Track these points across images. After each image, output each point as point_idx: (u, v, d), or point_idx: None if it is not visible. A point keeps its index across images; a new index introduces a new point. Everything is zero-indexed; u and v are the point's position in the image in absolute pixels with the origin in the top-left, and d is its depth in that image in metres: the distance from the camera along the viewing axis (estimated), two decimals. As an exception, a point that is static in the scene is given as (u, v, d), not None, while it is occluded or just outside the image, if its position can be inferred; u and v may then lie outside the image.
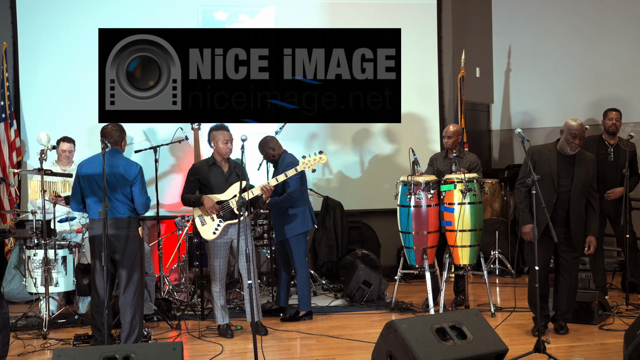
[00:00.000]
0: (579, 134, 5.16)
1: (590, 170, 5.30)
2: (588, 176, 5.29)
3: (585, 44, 8.45)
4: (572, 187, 5.24)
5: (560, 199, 5.26)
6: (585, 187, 5.30)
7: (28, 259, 6.00)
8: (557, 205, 5.26)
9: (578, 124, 5.17)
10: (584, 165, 5.28)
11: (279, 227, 6.14)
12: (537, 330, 5.16)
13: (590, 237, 5.37)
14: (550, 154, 5.31)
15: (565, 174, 5.26)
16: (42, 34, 7.70)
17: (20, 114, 7.67)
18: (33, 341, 5.57)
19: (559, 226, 5.23)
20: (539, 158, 5.31)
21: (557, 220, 5.20)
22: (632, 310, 6.09)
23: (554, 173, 5.25)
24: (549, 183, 5.23)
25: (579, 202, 5.29)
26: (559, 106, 8.68)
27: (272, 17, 8.05)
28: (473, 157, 6.36)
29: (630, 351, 4.29)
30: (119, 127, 5.23)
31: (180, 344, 4.09)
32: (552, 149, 5.33)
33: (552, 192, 5.23)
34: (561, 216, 5.28)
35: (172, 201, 7.69)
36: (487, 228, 7.40)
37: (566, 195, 5.26)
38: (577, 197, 5.27)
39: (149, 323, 6.04)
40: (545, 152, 5.34)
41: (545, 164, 5.28)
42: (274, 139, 6.26)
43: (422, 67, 8.38)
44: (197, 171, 5.68)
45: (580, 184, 5.25)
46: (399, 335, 4.18)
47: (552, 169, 5.26)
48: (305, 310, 6.12)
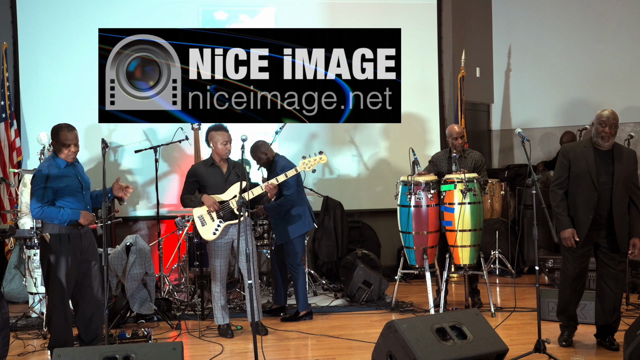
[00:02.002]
0: (608, 122, 4.79)
1: (631, 165, 4.90)
2: (629, 172, 4.88)
3: (585, 44, 8.45)
4: (613, 184, 4.82)
5: (602, 198, 4.85)
6: (627, 184, 4.88)
7: (28, 258, 6.00)
8: (599, 206, 4.86)
9: (608, 111, 4.82)
10: (624, 159, 4.88)
11: (281, 229, 6.12)
12: (564, 340, 5.09)
13: (635, 239, 4.91)
14: (585, 150, 4.91)
15: (604, 170, 4.86)
16: (42, 34, 7.71)
17: (21, 114, 7.68)
18: (33, 341, 5.57)
19: (601, 228, 4.91)
20: (574, 156, 4.95)
21: (598, 222, 4.89)
22: (632, 310, 6.08)
23: (592, 170, 4.85)
24: (587, 182, 4.86)
25: (622, 201, 4.87)
26: (559, 106, 8.69)
27: (272, 17, 8.06)
28: (477, 155, 6.36)
29: (631, 351, 4.29)
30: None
31: (181, 344, 4.09)
32: (587, 145, 4.94)
33: (592, 191, 4.85)
34: (603, 217, 4.89)
35: (172, 201, 7.69)
36: (487, 228, 7.40)
37: (607, 194, 4.84)
38: (619, 195, 4.85)
39: (149, 323, 6.04)
40: (580, 148, 4.96)
41: (581, 162, 4.90)
42: (265, 144, 6.21)
43: (422, 67, 8.39)
44: (196, 173, 5.67)
45: (621, 180, 4.83)
46: (399, 335, 4.18)
47: (590, 166, 4.86)
48: (305, 310, 6.12)
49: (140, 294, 5.97)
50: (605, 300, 4.98)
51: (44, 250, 4.81)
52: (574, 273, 5.01)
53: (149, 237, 7.68)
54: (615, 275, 4.95)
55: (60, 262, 4.75)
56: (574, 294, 5.07)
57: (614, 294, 4.95)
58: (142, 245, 6.16)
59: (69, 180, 4.83)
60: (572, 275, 5.02)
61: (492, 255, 7.82)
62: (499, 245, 7.85)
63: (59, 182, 4.77)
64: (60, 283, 4.76)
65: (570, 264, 5.02)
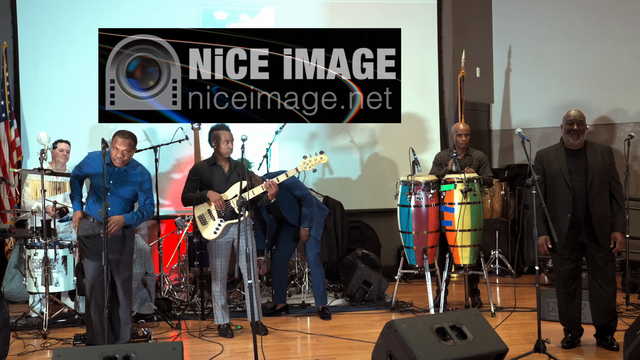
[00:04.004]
0: (575, 120, 4.88)
1: (606, 160, 4.91)
2: (605, 166, 4.90)
3: (585, 44, 8.45)
4: (587, 181, 4.88)
5: (578, 196, 4.88)
6: (604, 179, 4.90)
7: (28, 258, 6.01)
8: (576, 204, 4.89)
9: (574, 111, 4.92)
10: (597, 155, 4.92)
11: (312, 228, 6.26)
12: (566, 342, 5.08)
13: (615, 233, 4.92)
14: (557, 152, 5.01)
15: (577, 169, 4.92)
16: (42, 33, 7.71)
17: (21, 114, 7.67)
18: (33, 341, 5.57)
19: (582, 227, 4.92)
20: (547, 160, 5.05)
21: (578, 221, 4.90)
22: (632, 310, 6.08)
23: (564, 170, 4.92)
24: (561, 182, 4.93)
25: (599, 196, 4.89)
26: (559, 106, 8.67)
27: (272, 17, 8.06)
28: (481, 154, 6.37)
29: (631, 351, 4.29)
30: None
31: (181, 343, 4.09)
32: (559, 147, 5.03)
33: (566, 191, 4.91)
34: (582, 215, 4.89)
35: (172, 201, 7.69)
36: (487, 228, 7.39)
37: (582, 192, 4.88)
38: (596, 191, 4.87)
39: (149, 323, 6.04)
40: (553, 151, 5.06)
41: (554, 164, 4.99)
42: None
43: (422, 67, 8.39)
44: (198, 171, 5.68)
45: (596, 176, 4.87)
46: (399, 335, 4.18)
47: (562, 166, 4.94)
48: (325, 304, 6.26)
49: (140, 293, 5.98)
50: (599, 301, 4.98)
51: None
52: (565, 275, 5.04)
53: (149, 237, 7.67)
54: (605, 275, 4.95)
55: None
56: (568, 296, 5.06)
57: (607, 293, 4.95)
58: (142, 245, 6.17)
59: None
60: (563, 276, 5.05)
61: (492, 255, 7.82)
62: (499, 245, 7.85)
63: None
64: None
65: (559, 265, 5.06)
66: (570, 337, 5.11)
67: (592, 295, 5.04)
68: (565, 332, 5.15)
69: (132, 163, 5.12)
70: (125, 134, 5.03)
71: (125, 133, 5.05)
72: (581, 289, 5.11)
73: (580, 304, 5.12)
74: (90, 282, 4.99)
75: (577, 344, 5.11)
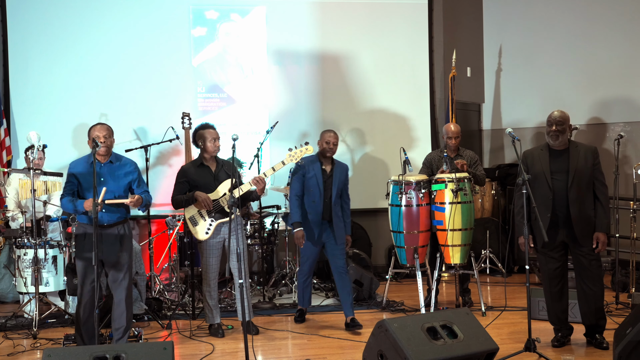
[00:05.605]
0: (554, 121, 4.94)
1: (589, 160, 4.93)
2: (587, 167, 4.92)
3: (576, 44, 8.48)
4: (568, 181, 4.90)
5: (558, 196, 4.92)
6: (587, 179, 4.92)
7: (18, 258, 5.98)
8: (557, 204, 4.92)
9: (557, 112, 4.98)
10: (580, 156, 4.94)
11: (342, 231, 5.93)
12: (556, 340, 5.10)
13: (598, 233, 4.90)
14: (542, 153, 5.06)
15: (559, 169, 4.95)
16: (32, 32, 7.67)
17: (10, 113, 7.63)
18: (23, 341, 5.54)
19: (562, 227, 4.94)
20: (531, 160, 5.09)
21: (558, 220, 4.93)
22: (622, 309, 6.11)
23: (546, 170, 4.96)
24: (542, 182, 4.96)
25: (581, 197, 4.90)
26: (549, 106, 8.66)
27: (263, 17, 8.04)
28: (472, 153, 6.38)
29: (620, 350, 4.31)
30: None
31: (171, 343, 4.07)
32: (543, 148, 5.08)
33: (547, 191, 4.94)
34: (563, 215, 4.92)
35: (163, 200, 7.66)
36: (478, 227, 7.42)
37: (563, 192, 4.91)
38: (577, 192, 4.89)
39: (139, 323, 6.02)
40: (537, 151, 5.11)
41: (537, 164, 5.03)
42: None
43: (413, 66, 8.39)
44: (186, 173, 5.65)
45: (578, 176, 4.89)
46: (389, 335, 4.18)
47: (544, 166, 4.98)
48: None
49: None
50: (587, 301, 5.00)
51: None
52: (550, 274, 5.06)
53: (140, 237, 7.66)
54: (591, 274, 4.96)
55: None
56: (555, 295, 5.09)
57: (594, 292, 4.96)
58: (133, 244, 6.14)
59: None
60: (549, 275, 5.08)
61: (482, 255, 7.84)
62: (490, 245, 7.87)
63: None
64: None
65: (544, 265, 5.09)
66: (561, 336, 5.13)
67: (580, 294, 5.06)
68: (555, 331, 5.17)
69: (116, 156, 5.06)
70: (101, 123, 5.03)
71: (101, 122, 5.06)
72: (568, 287, 5.13)
73: (567, 302, 5.14)
74: (82, 282, 4.96)
75: (567, 343, 5.14)
